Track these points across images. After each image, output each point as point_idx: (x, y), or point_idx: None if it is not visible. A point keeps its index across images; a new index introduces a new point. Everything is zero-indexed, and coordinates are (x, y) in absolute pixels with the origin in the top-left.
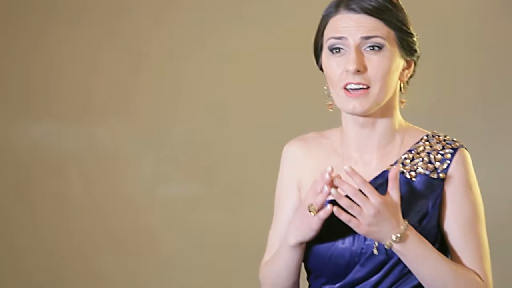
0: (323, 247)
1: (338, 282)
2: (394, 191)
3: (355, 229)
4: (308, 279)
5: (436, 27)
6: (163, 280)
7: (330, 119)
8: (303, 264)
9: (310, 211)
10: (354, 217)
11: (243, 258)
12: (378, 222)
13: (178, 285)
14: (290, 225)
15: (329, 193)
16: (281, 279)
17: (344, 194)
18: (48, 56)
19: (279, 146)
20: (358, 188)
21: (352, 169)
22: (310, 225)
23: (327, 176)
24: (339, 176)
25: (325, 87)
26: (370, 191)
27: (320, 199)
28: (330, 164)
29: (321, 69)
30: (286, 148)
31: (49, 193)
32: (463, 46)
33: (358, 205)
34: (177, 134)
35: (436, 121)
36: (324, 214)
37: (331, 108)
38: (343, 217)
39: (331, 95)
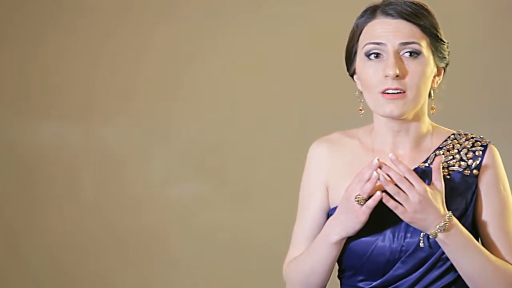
0: (363, 245)
1: (378, 279)
2: (438, 181)
3: (401, 216)
4: (341, 277)
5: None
6: (172, 281)
7: (339, 119)
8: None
9: (357, 201)
10: (401, 204)
11: (252, 258)
12: (423, 210)
13: (187, 285)
14: (331, 223)
15: (378, 179)
16: (315, 275)
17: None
18: (54, 55)
19: (288, 146)
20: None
21: (397, 157)
22: (358, 218)
23: (375, 161)
24: (385, 164)
25: (357, 93)
26: (415, 178)
27: (368, 186)
28: (362, 162)
29: (351, 75)
30: (313, 149)
31: (56, 193)
32: (467, 47)
33: (404, 192)
34: (186, 133)
35: (440, 121)
36: (373, 202)
37: (361, 114)
38: (391, 203)
39: (366, 100)
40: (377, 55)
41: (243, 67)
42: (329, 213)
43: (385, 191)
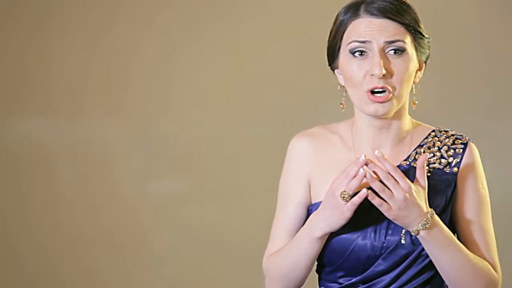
0: (344, 242)
1: (358, 275)
2: (422, 179)
3: (385, 214)
4: (320, 272)
5: (439, 24)
6: (153, 276)
7: (318, 115)
8: None
9: (343, 197)
10: (385, 202)
11: (232, 254)
12: (407, 207)
13: (168, 280)
14: (315, 218)
15: (364, 176)
16: (297, 269)
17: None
18: (40, 54)
19: (267, 142)
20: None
21: (383, 154)
22: (343, 214)
23: (363, 158)
24: (372, 161)
25: (339, 88)
26: (400, 176)
27: (355, 183)
28: (344, 158)
29: (333, 69)
30: (294, 142)
31: (40, 190)
32: (467, 44)
33: (389, 189)
34: (167, 131)
35: (441, 119)
36: (358, 199)
37: (343, 108)
38: (376, 201)
39: (349, 95)
40: (362, 53)
41: (221, 64)
42: (310, 208)
43: (370, 188)
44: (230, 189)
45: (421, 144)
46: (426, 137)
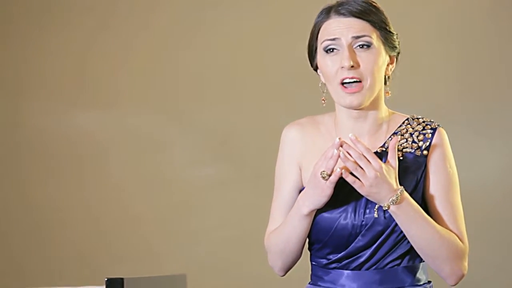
0: (329, 221)
1: (342, 251)
2: (392, 159)
3: (358, 190)
4: (311, 249)
5: (457, 26)
6: (192, 253)
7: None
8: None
9: (322, 177)
10: (359, 179)
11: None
12: (378, 184)
13: (205, 256)
14: (302, 197)
15: (338, 156)
16: (291, 244)
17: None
18: (84, 50)
19: None
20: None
21: (356, 137)
22: (324, 192)
23: (337, 140)
24: (346, 143)
25: (320, 84)
26: (372, 156)
27: (331, 163)
28: (328, 146)
29: (315, 69)
30: (285, 132)
31: (95, 174)
32: (473, 41)
33: (361, 168)
34: (206, 121)
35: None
36: (334, 177)
37: (324, 104)
38: (349, 178)
39: (328, 90)
40: (334, 50)
41: (254, 60)
42: (301, 190)
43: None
44: (265, 175)
45: (396, 131)
46: (400, 125)
